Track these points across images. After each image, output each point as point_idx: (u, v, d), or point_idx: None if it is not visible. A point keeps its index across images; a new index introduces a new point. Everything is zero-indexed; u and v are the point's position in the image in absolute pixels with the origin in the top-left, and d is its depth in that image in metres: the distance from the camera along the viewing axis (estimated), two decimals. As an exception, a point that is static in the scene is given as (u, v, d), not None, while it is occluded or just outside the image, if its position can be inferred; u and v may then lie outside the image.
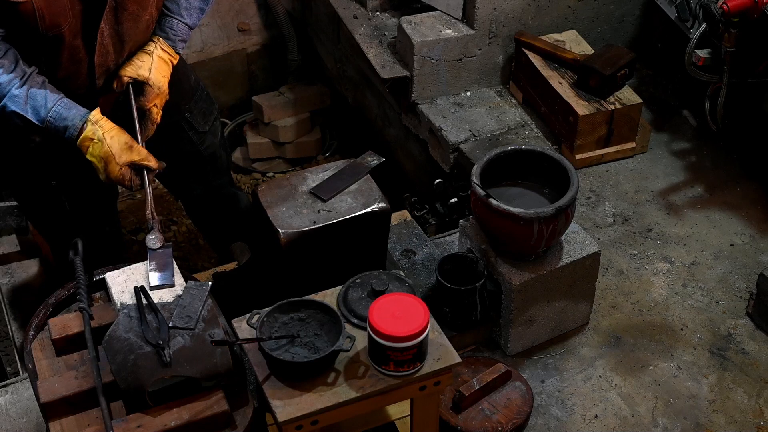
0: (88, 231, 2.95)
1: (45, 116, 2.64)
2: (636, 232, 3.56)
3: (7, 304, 3.68)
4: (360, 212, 2.74)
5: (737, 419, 2.96)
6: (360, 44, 4.13)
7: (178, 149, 3.17)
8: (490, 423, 2.83)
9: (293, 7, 5.02)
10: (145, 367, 2.28)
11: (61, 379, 2.39)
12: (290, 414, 2.33)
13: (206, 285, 2.52)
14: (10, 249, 3.96)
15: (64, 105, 2.66)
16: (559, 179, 2.94)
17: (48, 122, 2.65)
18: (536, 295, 3.01)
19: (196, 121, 3.20)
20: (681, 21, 3.63)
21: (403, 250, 3.30)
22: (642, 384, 3.06)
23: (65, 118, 2.66)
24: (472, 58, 3.99)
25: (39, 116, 2.64)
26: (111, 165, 2.68)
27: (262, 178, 5.07)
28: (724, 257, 3.47)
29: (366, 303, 2.52)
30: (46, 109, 2.64)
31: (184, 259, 4.34)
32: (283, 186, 2.80)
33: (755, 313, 3.24)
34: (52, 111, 2.65)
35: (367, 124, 4.77)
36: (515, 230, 2.87)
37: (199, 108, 3.22)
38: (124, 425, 2.29)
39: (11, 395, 3.00)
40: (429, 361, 2.44)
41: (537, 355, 3.13)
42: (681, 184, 3.76)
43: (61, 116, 2.65)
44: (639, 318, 3.26)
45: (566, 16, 4.07)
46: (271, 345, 2.38)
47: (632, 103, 3.75)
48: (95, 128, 2.67)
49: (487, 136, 3.87)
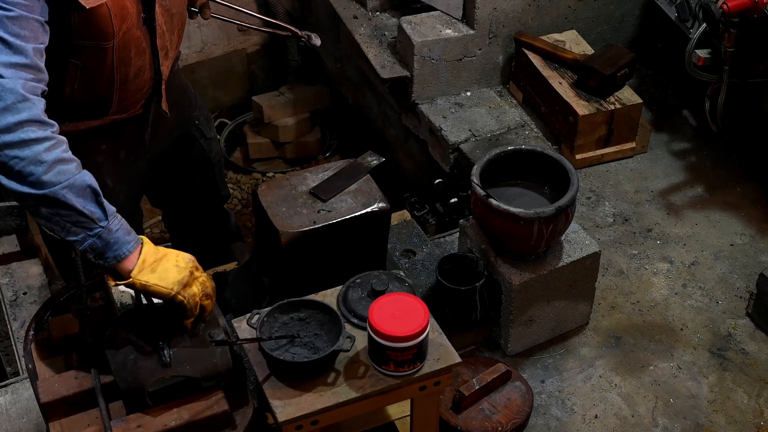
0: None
1: (113, 211, 2.28)
2: (636, 232, 3.56)
3: (7, 304, 3.68)
4: (360, 212, 2.74)
5: (737, 419, 2.96)
6: (360, 44, 4.13)
7: (191, 158, 3.17)
8: (490, 423, 2.83)
9: (293, 7, 5.03)
10: (145, 367, 2.28)
11: (61, 379, 2.39)
12: (290, 414, 2.33)
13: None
14: (10, 249, 3.96)
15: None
16: (559, 179, 2.94)
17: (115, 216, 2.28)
18: (536, 295, 3.01)
19: (204, 127, 3.20)
20: (681, 21, 3.63)
21: (403, 250, 3.30)
22: (642, 384, 3.06)
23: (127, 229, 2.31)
24: (472, 58, 3.99)
25: (110, 208, 2.27)
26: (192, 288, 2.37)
27: (262, 178, 5.07)
28: (724, 257, 3.47)
29: (366, 303, 2.52)
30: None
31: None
32: (283, 186, 2.80)
33: (755, 313, 3.24)
34: (117, 214, 2.29)
35: (367, 124, 4.77)
36: (515, 230, 2.87)
37: (203, 114, 3.23)
38: (124, 425, 2.29)
39: (11, 395, 3.00)
40: (429, 361, 2.44)
41: (537, 355, 3.13)
42: (681, 184, 3.76)
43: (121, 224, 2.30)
44: (639, 318, 3.26)
45: (566, 16, 4.08)
46: (271, 345, 2.38)
47: (632, 103, 3.75)
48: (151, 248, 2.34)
49: (487, 136, 3.87)
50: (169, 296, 2.30)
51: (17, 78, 2.16)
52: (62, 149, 2.20)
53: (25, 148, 2.15)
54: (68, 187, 2.18)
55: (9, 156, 2.14)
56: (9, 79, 2.15)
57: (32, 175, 2.15)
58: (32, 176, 2.15)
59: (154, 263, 2.29)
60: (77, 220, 2.21)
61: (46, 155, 2.16)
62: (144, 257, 2.29)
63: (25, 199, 2.20)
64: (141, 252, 2.29)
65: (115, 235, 2.24)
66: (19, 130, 2.14)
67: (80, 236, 2.22)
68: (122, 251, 2.26)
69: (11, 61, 2.16)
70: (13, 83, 2.15)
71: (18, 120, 2.14)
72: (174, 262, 2.32)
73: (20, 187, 2.17)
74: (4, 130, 2.13)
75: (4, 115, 2.13)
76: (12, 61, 2.16)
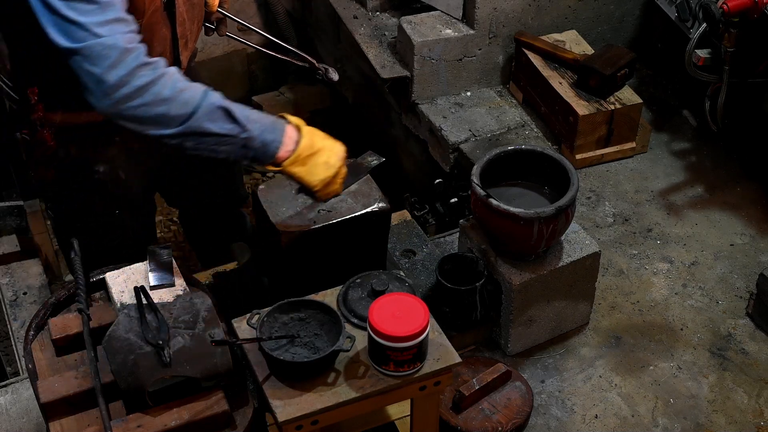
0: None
1: (250, 114, 2.38)
2: (636, 232, 3.56)
3: (7, 304, 3.68)
4: (360, 212, 2.74)
5: (737, 419, 2.96)
6: (360, 44, 4.13)
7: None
8: (490, 423, 2.84)
9: (293, 7, 5.02)
10: (145, 367, 2.28)
11: (61, 379, 2.39)
12: (290, 414, 2.33)
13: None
14: (10, 249, 3.96)
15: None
16: (559, 179, 2.94)
17: (254, 121, 2.38)
18: (536, 295, 3.01)
19: None
20: (681, 21, 3.63)
21: (403, 250, 3.30)
22: (642, 384, 3.06)
23: (271, 117, 2.42)
24: (472, 58, 3.99)
25: (244, 114, 2.37)
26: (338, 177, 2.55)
27: (262, 178, 5.06)
28: (724, 257, 3.47)
29: (366, 303, 2.52)
30: (247, 108, 2.38)
31: (184, 259, 4.34)
32: (283, 186, 2.80)
33: (755, 313, 3.24)
34: (252, 110, 2.39)
35: (367, 124, 4.77)
36: (515, 230, 2.87)
37: None
38: (124, 425, 2.29)
39: (11, 395, 3.00)
40: (429, 361, 2.44)
41: (537, 355, 3.13)
42: (681, 184, 3.76)
43: (265, 114, 2.42)
44: (639, 318, 3.26)
45: (566, 16, 4.08)
46: (271, 345, 2.38)
47: (632, 103, 3.75)
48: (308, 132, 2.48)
49: (487, 136, 3.87)
50: (311, 190, 2.51)
51: (115, 33, 2.24)
52: (176, 78, 2.31)
53: (145, 94, 2.25)
54: (201, 117, 2.30)
55: (134, 106, 2.26)
56: (108, 37, 2.23)
57: (163, 116, 2.28)
58: (163, 116, 2.28)
59: (306, 157, 2.45)
60: (219, 141, 2.35)
61: (166, 91, 2.27)
62: (300, 151, 2.44)
63: (168, 140, 2.32)
64: (299, 143, 2.44)
65: (259, 139, 2.37)
66: (132, 80, 2.25)
67: (230, 152, 2.38)
68: (271, 150, 2.41)
69: (104, 18, 2.23)
70: (113, 39, 2.23)
71: (128, 71, 2.24)
72: (325, 158, 2.49)
73: (158, 131, 2.31)
74: (120, 85, 2.24)
75: (114, 70, 2.23)
76: (106, 18, 2.24)
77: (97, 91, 2.28)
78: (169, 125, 2.30)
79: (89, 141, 2.61)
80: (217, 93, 2.36)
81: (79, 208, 2.88)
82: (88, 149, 2.75)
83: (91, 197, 2.87)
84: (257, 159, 2.43)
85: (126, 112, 2.29)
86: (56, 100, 2.61)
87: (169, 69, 2.32)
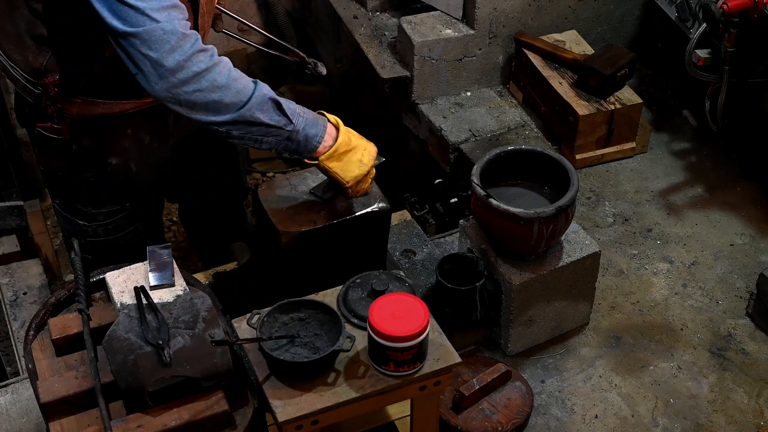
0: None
1: (295, 108, 2.47)
2: (636, 232, 3.56)
3: (7, 304, 3.68)
4: (360, 212, 2.74)
5: (737, 419, 2.96)
6: (360, 44, 4.13)
7: (215, 144, 3.17)
8: (490, 423, 2.84)
9: (293, 7, 5.03)
10: (145, 367, 2.28)
11: (61, 379, 2.39)
12: (290, 414, 2.33)
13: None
14: (10, 249, 3.96)
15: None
16: (559, 179, 2.94)
17: (299, 115, 2.47)
18: (536, 295, 3.01)
19: None
20: (681, 21, 3.63)
21: (403, 250, 3.30)
22: (642, 384, 3.06)
23: (313, 113, 2.50)
24: (472, 58, 3.99)
25: (290, 107, 2.46)
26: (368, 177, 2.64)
27: (262, 178, 5.06)
28: (724, 257, 3.47)
29: (366, 303, 2.52)
30: (292, 102, 2.46)
31: (184, 259, 4.34)
32: (283, 186, 2.80)
33: (755, 313, 3.24)
34: (296, 105, 2.47)
35: (367, 124, 4.77)
36: (515, 230, 2.87)
37: None
38: (124, 425, 2.29)
39: (11, 395, 3.00)
40: (429, 361, 2.44)
41: (537, 355, 3.13)
42: (681, 184, 3.76)
43: (308, 110, 2.50)
44: (639, 318, 3.26)
45: (566, 16, 4.08)
46: (271, 345, 2.38)
47: (632, 103, 3.75)
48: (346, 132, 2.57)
49: (487, 136, 3.87)
50: (343, 185, 2.59)
51: (172, 19, 2.29)
52: (230, 68, 2.37)
53: (201, 79, 2.31)
54: (252, 106, 2.37)
55: (190, 91, 2.32)
56: (166, 22, 2.28)
57: (216, 102, 2.34)
58: (216, 103, 2.34)
59: (342, 153, 2.54)
60: (267, 132, 2.43)
61: (221, 79, 2.33)
62: (337, 146, 2.52)
63: (217, 127, 2.38)
64: (337, 140, 2.53)
65: (303, 133, 2.46)
66: (190, 65, 2.30)
67: (273, 144, 2.46)
68: (312, 144, 2.49)
69: (162, 4, 2.29)
70: (171, 25, 2.28)
71: (186, 56, 2.29)
72: (359, 156, 2.58)
73: (210, 117, 2.36)
74: (177, 69, 2.30)
75: (172, 55, 2.29)
76: (163, 4, 2.29)
77: (153, 75, 2.31)
78: (222, 112, 2.36)
79: (103, 133, 2.65)
80: (266, 85, 2.44)
81: (90, 201, 2.90)
82: (101, 141, 2.77)
83: (103, 189, 2.89)
84: (297, 151, 2.50)
85: (181, 96, 2.34)
86: (79, 90, 2.63)
87: (223, 58, 2.37)
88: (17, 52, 2.63)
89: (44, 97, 2.64)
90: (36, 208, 4.05)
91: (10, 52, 2.64)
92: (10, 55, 2.64)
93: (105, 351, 2.36)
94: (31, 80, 2.64)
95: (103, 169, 2.83)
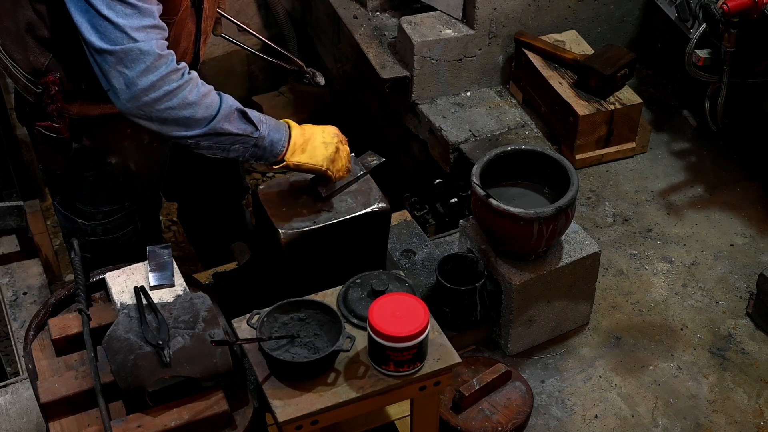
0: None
1: (258, 116, 2.52)
2: (636, 232, 3.56)
3: (7, 304, 3.68)
4: (360, 212, 2.74)
5: (737, 419, 2.96)
6: (360, 44, 4.13)
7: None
8: (490, 423, 2.84)
9: (293, 7, 5.02)
10: (145, 367, 2.28)
11: (61, 379, 2.39)
12: (290, 414, 2.33)
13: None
14: (10, 249, 3.96)
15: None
16: (559, 179, 2.94)
17: (263, 122, 2.53)
18: (536, 295, 3.01)
19: None
20: (681, 21, 3.63)
21: (403, 250, 3.30)
22: (642, 384, 3.06)
23: (272, 119, 2.56)
24: (472, 58, 3.99)
25: (254, 115, 2.51)
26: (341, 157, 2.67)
27: (262, 178, 5.06)
28: (724, 257, 3.47)
29: (366, 303, 2.52)
30: (254, 111, 2.52)
31: (184, 259, 4.34)
32: (283, 186, 2.80)
33: (755, 313, 3.24)
34: (257, 112, 2.53)
35: (367, 124, 4.77)
36: (515, 230, 2.87)
37: None
38: (124, 425, 2.29)
39: (11, 395, 3.00)
40: (429, 361, 2.44)
41: (537, 355, 3.13)
42: (681, 184, 3.76)
43: (267, 116, 2.56)
44: (639, 318, 3.26)
45: (566, 16, 4.08)
46: (271, 345, 2.38)
47: (632, 103, 3.75)
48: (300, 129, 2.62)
49: (487, 136, 3.87)
50: (320, 172, 2.62)
51: (151, 39, 2.33)
52: (199, 83, 2.43)
53: (173, 98, 2.37)
54: (221, 118, 2.43)
55: (162, 108, 2.37)
56: (144, 42, 2.32)
57: (188, 119, 2.40)
58: (188, 119, 2.40)
59: (303, 144, 2.57)
60: (234, 140, 2.48)
61: (191, 96, 2.39)
62: (294, 141, 2.56)
63: (186, 140, 2.45)
64: (290, 137, 2.56)
65: (268, 138, 2.52)
66: (163, 85, 2.35)
67: (240, 152, 2.51)
68: (277, 149, 2.54)
69: (143, 24, 2.32)
70: (149, 45, 2.33)
71: (160, 77, 2.34)
72: (321, 139, 2.60)
73: (181, 132, 2.43)
74: (150, 89, 2.34)
75: (147, 75, 2.33)
76: (143, 24, 2.33)
77: (125, 93, 2.35)
78: (192, 127, 2.42)
79: (103, 132, 2.66)
80: (230, 96, 2.49)
81: (90, 200, 2.90)
82: (101, 140, 2.78)
83: (102, 188, 2.89)
84: (264, 157, 2.55)
85: (153, 114, 2.39)
86: (80, 91, 2.64)
87: (193, 73, 2.43)
88: (19, 52, 2.63)
89: (45, 95, 2.64)
90: (36, 208, 4.05)
91: (11, 51, 2.65)
92: (12, 54, 2.65)
93: (105, 351, 2.36)
94: (32, 79, 2.65)
95: (102, 169, 2.83)
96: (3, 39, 2.67)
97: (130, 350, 2.30)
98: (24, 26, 2.60)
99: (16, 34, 2.62)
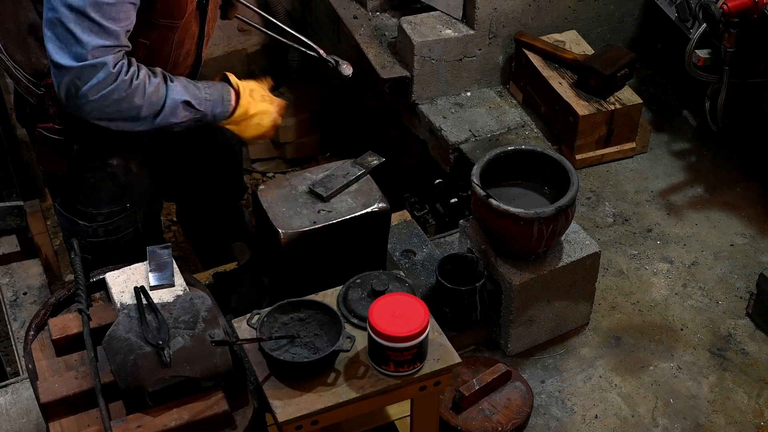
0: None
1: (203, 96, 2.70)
2: (636, 232, 3.56)
3: (7, 304, 3.68)
4: (360, 212, 2.74)
5: (737, 419, 2.96)
6: (360, 44, 4.13)
7: (213, 143, 3.18)
8: (490, 423, 2.84)
9: (293, 7, 5.02)
10: (145, 367, 2.28)
11: (61, 379, 2.39)
12: (290, 414, 2.33)
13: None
14: (10, 249, 3.96)
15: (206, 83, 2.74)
16: (559, 179, 2.94)
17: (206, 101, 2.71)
18: (536, 295, 3.01)
19: None
20: (681, 21, 3.63)
21: (403, 250, 3.30)
22: (642, 384, 3.06)
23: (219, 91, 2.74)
24: (472, 58, 3.99)
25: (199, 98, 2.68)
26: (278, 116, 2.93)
27: (262, 178, 5.07)
28: (724, 257, 3.47)
29: (366, 303, 2.52)
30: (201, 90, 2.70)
31: (184, 259, 4.34)
32: (283, 186, 2.81)
33: (755, 313, 3.24)
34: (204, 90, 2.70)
35: (367, 124, 4.77)
36: (515, 230, 2.87)
37: None
38: (124, 425, 2.29)
39: (11, 395, 3.00)
40: (429, 361, 2.44)
41: (537, 355, 3.13)
42: (681, 184, 3.76)
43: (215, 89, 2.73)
44: (639, 318, 3.26)
45: (566, 17, 4.08)
46: (271, 345, 2.38)
47: (632, 103, 3.75)
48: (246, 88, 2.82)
49: (487, 136, 3.87)
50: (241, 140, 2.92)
51: (107, 56, 2.46)
52: (146, 83, 2.56)
53: (122, 102, 2.52)
54: (167, 114, 2.61)
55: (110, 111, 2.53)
56: (99, 59, 2.44)
57: (135, 117, 2.57)
58: (135, 117, 2.57)
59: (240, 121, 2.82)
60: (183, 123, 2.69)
61: (138, 99, 2.54)
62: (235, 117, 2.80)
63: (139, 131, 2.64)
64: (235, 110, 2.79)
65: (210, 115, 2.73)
66: (112, 95, 2.49)
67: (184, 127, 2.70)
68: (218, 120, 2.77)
69: (104, 44, 2.44)
70: (104, 60, 2.45)
71: (111, 89, 2.48)
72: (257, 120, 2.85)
73: (129, 127, 2.60)
74: (101, 99, 2.49)
75: (100, 90, 2.47)
76: (104, 44, 2.44)
77: (75, 101, 2.48)
78: (140, 122, 2.60)
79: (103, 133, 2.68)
80: (176, 87, 2.63)
81: (91, 201, 2.90)
82: (101, 142, 2.78)
83: (103, 189, 2.89)
84: (205, 126, 2.77)
85: (102, 116, 2.55)
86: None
87: (140, 78, 2.55)
88: (20, 53, 2.64)
89: (46, 97, 2.64)
90: (36, 208, 4.05)
91: (13, 53, 2.65)
92: (13, 56, 2.65)
93: (105, 351, 2.36)
94: (34, 81, 2.65)
95: (103, 170, 2.83)
96: (5, 40, 2.67)
97: (130, 350, 2.30)
98: (26, 28, 2.61)
99: (17, 35, 2.63)
